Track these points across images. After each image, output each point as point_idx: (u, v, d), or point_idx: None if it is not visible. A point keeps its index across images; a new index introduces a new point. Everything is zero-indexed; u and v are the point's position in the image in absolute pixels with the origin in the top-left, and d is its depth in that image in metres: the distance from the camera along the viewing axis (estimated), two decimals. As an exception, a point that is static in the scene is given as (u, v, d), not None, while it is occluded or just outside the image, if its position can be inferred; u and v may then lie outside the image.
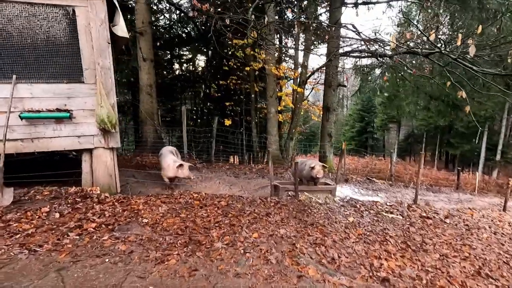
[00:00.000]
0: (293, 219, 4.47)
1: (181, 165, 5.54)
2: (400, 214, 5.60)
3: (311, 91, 12.57)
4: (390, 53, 7.65)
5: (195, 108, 12.54)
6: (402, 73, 8.92)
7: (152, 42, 9.14)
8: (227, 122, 9.82)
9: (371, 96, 36.64)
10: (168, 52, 12.33)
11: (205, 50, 11.48)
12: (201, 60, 13.33)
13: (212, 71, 12.18)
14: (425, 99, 9.39)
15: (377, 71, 10.12)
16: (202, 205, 4.66)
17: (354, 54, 9.23)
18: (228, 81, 10.74)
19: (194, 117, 12.53)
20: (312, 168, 6.13)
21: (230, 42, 9.32)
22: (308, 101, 12.47)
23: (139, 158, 8.74)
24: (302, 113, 13.19)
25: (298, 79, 10.15)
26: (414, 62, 9.01)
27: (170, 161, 5.64)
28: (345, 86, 10.74)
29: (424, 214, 5.77)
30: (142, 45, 8.76)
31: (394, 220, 5.23)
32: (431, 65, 7.38)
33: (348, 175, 10.10)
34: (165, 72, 11.65)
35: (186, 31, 12.29)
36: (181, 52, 12.76)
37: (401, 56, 7.37)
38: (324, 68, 10.88)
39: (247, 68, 9.86)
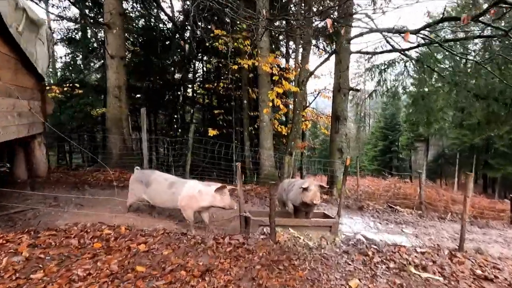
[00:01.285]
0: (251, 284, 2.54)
1: (221, 188, 3.91)
2: (439, 272, 3.45)
3: (317, 96, 10.69)
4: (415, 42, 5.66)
5: (175, 116, 10.97)
6: (433, 65, 6.88)
7: (123, 37, 7.79)
8: (212, 132, 8.11)
9: (394, 109, 33.97)
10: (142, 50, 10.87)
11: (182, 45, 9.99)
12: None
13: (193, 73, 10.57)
14: (468, 98, 7.23)
15: (398, 68, 8.13)
16: (105, 251, 2.84)
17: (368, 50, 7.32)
18: (216, 85, 9.16)
19: (175, 126, 10.96)
20: (304, 189, 4.21)
21: (212, 35, 7.81)
22: (314, 109, 10.53)
23: (98, 173, 7.12)
24: (308, 124, 11.22)
25: (298, 79, 8.36)
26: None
27: (198, 184, 4.03)
28: (357, 90, 8.79)
29: (479, 272, 3.56)
30: (110, 40, 7.43)
31: (430, 284, 3.12)
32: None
33: (364, 201, 7.88)
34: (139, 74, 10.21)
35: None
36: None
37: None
38: (333, 72, 9.01)
39: (234, 67, 8.20)
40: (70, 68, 10.99)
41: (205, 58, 11.15)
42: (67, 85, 9.11)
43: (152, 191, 4.12)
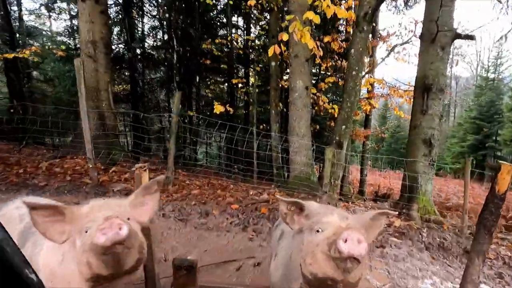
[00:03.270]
0: None
1: None
2: None
3: (390, 52, 7.05)
4: None
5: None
6: None
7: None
8: (218, 109, 5.47)
9: (494, 94, 26.76)
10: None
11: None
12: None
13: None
14: None
15: None
16: None
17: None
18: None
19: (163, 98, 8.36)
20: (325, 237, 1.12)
21: None
22: (385, 82, 6.85)
23: (67, 163, 5.11)
24: (374, 104, 7.63)
25: (357, 9, 4.97)
26: None
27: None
28: (472, 38, 5.02)
29: None
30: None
31: None
32: None
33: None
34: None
35: None
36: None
37: None
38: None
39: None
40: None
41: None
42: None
43: None
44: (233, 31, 9.18)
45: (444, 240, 4.07)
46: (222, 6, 9.03)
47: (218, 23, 9.38)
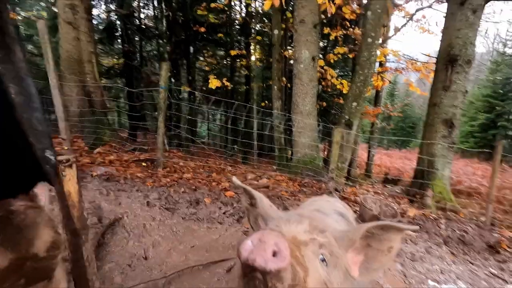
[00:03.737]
0: None
1: None
2: None
3: (410, 19, 6.21)
4: None
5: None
6: None
7: None
8: (214, 83, 4.88)
9: (510, 70, 25.49)
10: None
11: None
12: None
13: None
14: None
15: None
16: None
17: None
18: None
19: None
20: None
21: None
22: (400, 54, 6.09)
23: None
24: (387, 78, 6.94)
25: None
26: None
27: None
28: (509, -1, 4.27)
29: None
30: None
31: None
32: None
33: (500, 227, 3.85)
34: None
35: None
36: None
37: None
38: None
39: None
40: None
41: None
42: None
43: None
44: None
45: (465, 233, 3.62)
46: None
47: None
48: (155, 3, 8.16)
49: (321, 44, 6.75)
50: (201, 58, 8.82)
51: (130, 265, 2.42)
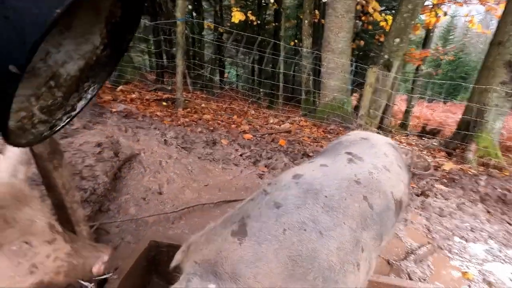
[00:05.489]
0: None
1: None
2: None
3: None
4: None
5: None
6: None
7: None
8: (237, 17, 4.38)
9: None
10: None
11: None
12: None
13: None
14: None
15: None
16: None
17: None
18: None
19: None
20: None
21: None
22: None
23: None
24: (441, 15, 5.85)
25: None
26: None
27: None
28: None
29: None
30: None
31: None
32: None
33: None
34: None
35: None
36: None
37: None
38: None
39: None
40: None
41: None
42: None
43: None
44: None
45: (507, 192, 3.23)
46: None
47: None
48: None
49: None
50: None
51: (145, 198, 2.47)
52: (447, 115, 13.33)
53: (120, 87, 4.63)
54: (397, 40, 3.70)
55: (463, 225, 2.50)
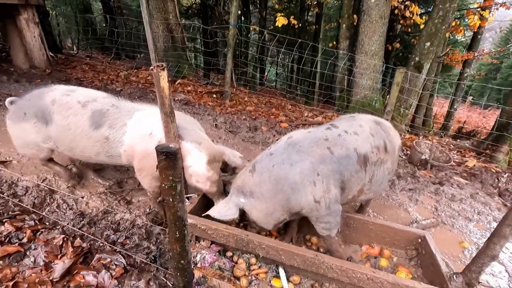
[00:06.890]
0: None
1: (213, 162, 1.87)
2: None
3: None
4: None
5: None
6: None
7: None
8: (281, 21, 4.92)
9: None
10: None
11: None
12: None
13: None
14: None
15: None
16: None
17: None
18: None
19: None
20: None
21: None
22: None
23: (142, 73, 5.76)
24: (488, 17, 5.82)
25: None
26: None
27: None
28: None
29: None
30: None
31: None
32: None
33: None
34: None
35: None
36: None
37: None
38: None
39: None
40: None
41: None
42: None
43: (60, 133, 1.91)
44: None
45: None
46: None
47: None
48: None
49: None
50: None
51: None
52: (489, 119, 12.55)
53: (178, 81, 5.49)
54: (428, 44, 3.99)
55: (470, 209, 2.82)
